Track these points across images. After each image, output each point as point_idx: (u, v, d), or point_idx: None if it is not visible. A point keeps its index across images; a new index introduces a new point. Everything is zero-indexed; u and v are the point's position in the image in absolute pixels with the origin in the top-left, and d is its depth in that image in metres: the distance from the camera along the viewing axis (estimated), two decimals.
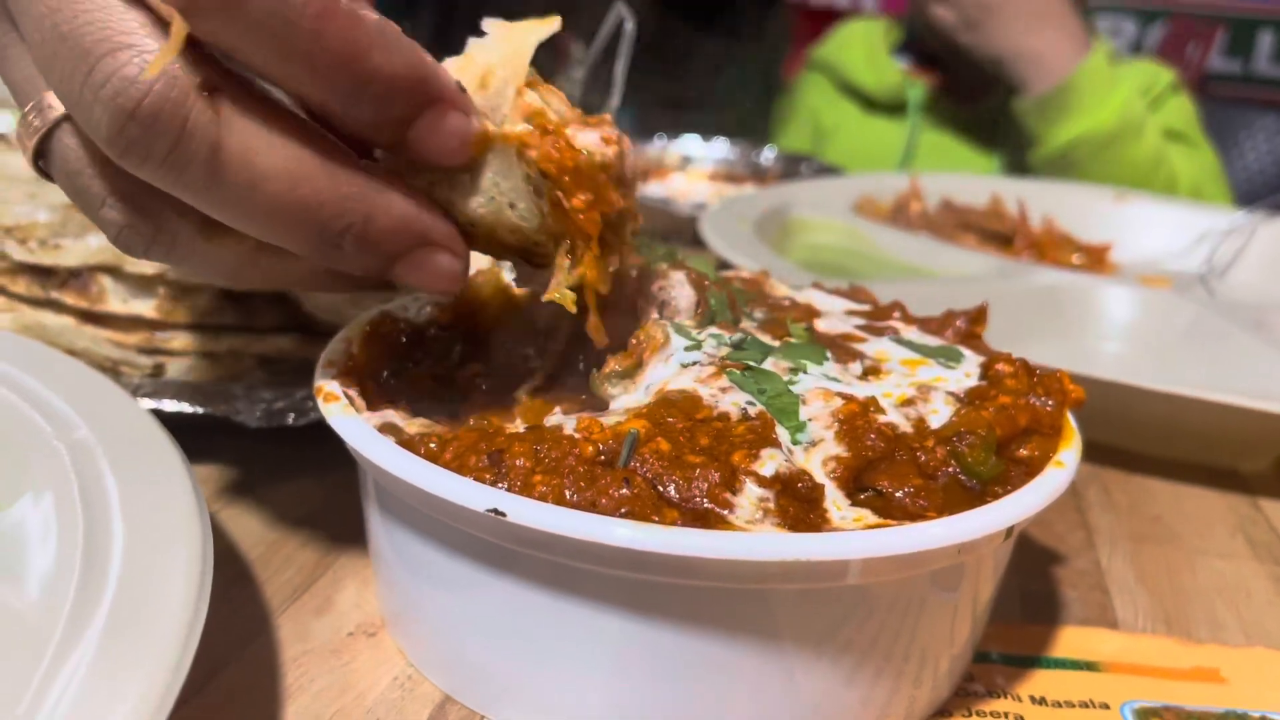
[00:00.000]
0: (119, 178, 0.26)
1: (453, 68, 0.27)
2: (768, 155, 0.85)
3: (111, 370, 0.40)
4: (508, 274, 0.34)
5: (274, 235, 0.26)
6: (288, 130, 0.25)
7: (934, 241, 0.65)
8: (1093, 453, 0.48)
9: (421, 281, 0.28)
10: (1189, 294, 0.67)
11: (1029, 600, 0.37)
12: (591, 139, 0.26)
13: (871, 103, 1.18)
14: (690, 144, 0.87)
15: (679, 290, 0.30)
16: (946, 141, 1.16)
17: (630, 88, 0.67)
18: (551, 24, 0.27)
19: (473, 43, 0.27)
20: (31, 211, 0.45)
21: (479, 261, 0.50)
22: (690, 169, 0.85)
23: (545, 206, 0.26)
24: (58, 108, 0.26)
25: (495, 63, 0.26)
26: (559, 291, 0.27)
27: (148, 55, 0.23)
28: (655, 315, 0.30)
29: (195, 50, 0.24)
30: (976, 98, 1.16)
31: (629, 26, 0.42)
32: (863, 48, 1.22)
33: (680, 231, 0.67)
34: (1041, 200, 0.74)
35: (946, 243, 0.65)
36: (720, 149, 0.86)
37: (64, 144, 0.26)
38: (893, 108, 1.17)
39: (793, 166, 0.84)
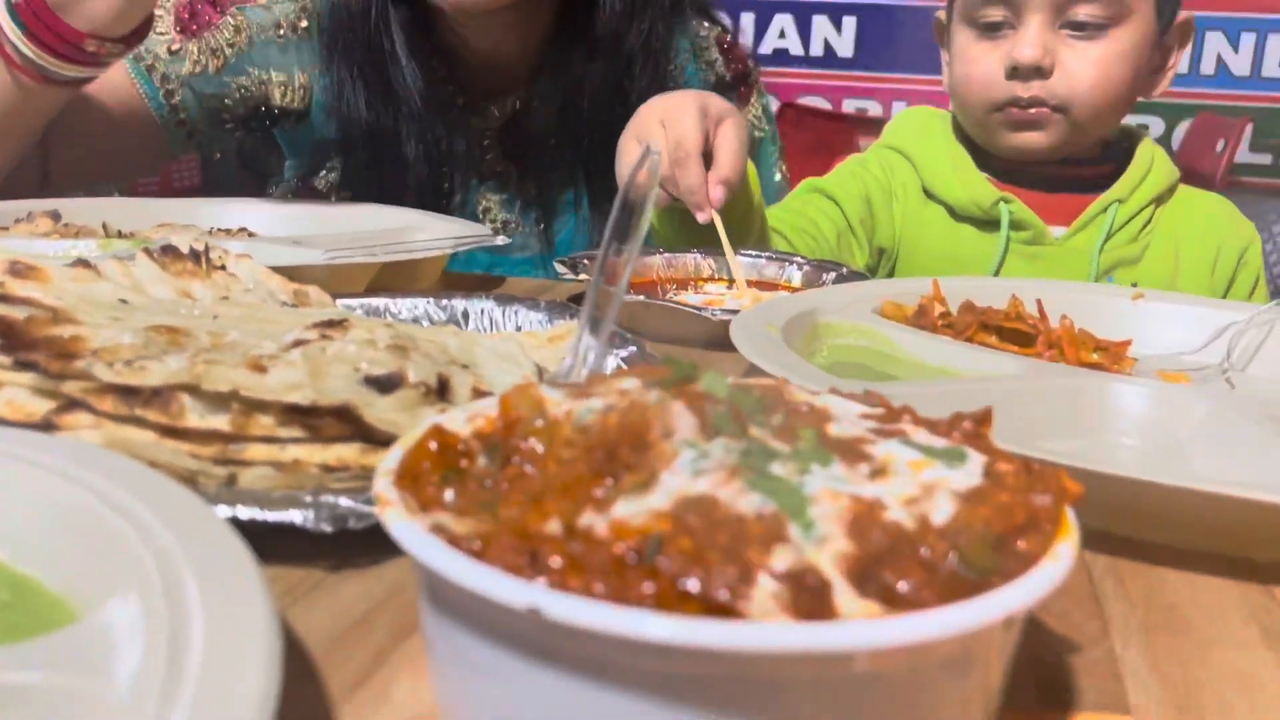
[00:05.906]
0: None
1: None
2: (798, 261, 0.89)
3: (190, 480, 0.44)
4: (545, 390, 0.37)
5: None
6: None
7: (955, 343, 0.67)
8: (1109, 544, 0.50)
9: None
10: (1208, 388, 0.69)
11: (1044, 688, 0.39)
12: None
13: (956, 212, 1.13)
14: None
15: (679, 419, 0.33)
16: (1041, 253, 1.11)
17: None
18: None
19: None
20: (117, 335, 0.49)
21: (514, 378, 0.53)
22: (724, 277, 0.90)
23: None
24: None
25: None
26: None
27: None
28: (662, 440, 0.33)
29: None
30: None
31: (655, 156, 0.47)
32: (946, 157, 1.14)
33: (714, 337, 0.71)
34: (1059, 300, 0.77)
35: (967, 344, 0.68)
36: (752, 258, 0.90)
37: None
38: (981, 221, 1.11)
39: (817, 274, 0.88)
